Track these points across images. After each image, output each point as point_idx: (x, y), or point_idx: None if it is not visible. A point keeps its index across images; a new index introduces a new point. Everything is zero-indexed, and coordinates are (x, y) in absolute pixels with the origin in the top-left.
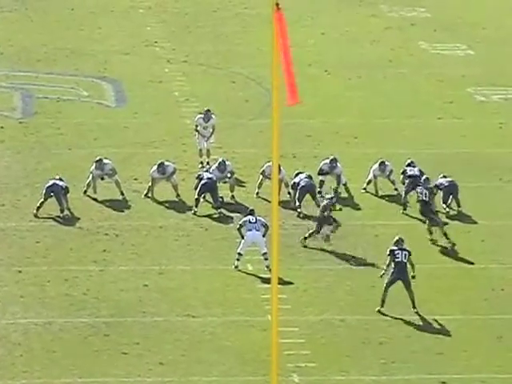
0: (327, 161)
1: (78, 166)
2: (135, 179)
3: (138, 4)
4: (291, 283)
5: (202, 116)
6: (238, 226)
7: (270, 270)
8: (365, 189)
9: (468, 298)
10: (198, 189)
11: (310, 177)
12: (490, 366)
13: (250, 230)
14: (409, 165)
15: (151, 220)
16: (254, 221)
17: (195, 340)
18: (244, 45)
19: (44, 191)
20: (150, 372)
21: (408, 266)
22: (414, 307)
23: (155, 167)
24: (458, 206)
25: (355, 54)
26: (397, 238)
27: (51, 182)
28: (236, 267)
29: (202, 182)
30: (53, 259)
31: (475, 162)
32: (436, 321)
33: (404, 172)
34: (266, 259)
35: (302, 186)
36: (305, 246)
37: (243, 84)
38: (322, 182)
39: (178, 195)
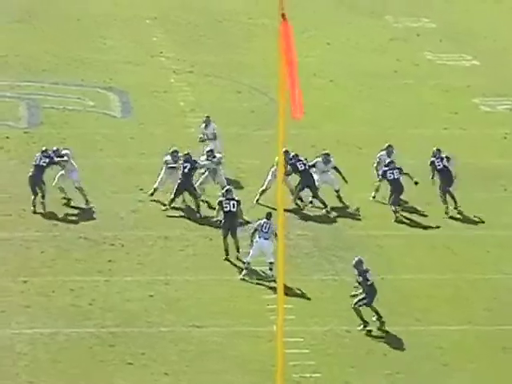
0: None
1: (83, 176)
2: (140, 189)
3: (144, 14)
4: (296, 294)
5: (204, 124)
6: (253, 231)
7: (273, 281)
8: (374, 197)
9: (472, 309)
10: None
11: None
12: (495, 376)
13: (260, 237)
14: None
15: (156, 230)
16: (267, 230)
17: (200, 350)
18: (249, 55)
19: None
20: (156, 382)
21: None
22: (380, 317)
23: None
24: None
25: (360, 65)
26: (357, 258)
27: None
28: (244, 276)
29: (178, 181)
30: (58, 269)
31: (480, 172)
32: (440, 331)
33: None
34: (271, 269)
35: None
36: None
37: (248, 94)
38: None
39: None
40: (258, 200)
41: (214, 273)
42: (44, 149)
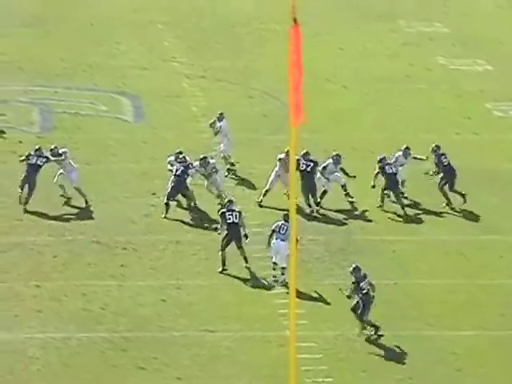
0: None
1: (96, 180)
2: (153, 194)
3: (157, 19)
4: (308, 298)
5: (217, 120)
6: (271, 232)
7: (285, 286)
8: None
9: (485, 314)
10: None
11: None
12: (508, 381)
13: (277, 238)
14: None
15: (168, 235)
16: (284, 231)
17: (213, 355)
18: (261, 60)
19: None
20: None
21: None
22: (364, 328)
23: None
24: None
25: (373, 69)
26: (354, 265)
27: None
28: (274, 277)
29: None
30: (70, 274)
31: (493, 177)
32: (453, 336)
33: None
34: (283, 274)
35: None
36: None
37: (260, 99)
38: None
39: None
40: (261, 201)
41: (226, 277)
42: (37, 147)
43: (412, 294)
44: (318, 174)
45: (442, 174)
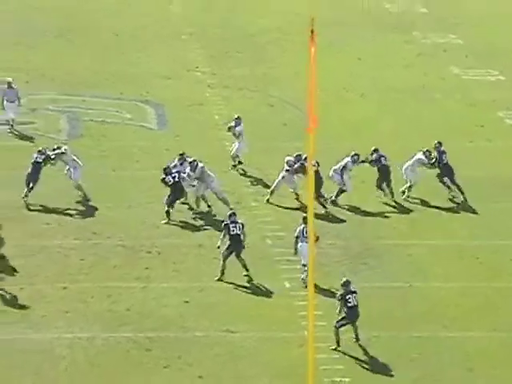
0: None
1: (121, 186)
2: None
3: (180, 30)
4: (327, 300)
5: (234, 123)
6: (295, 239)
7: (305, 286)
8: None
9: (498, 316)
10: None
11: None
12: None
13: (302, 241)
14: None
15: (191, 238)
16: (307, 234)
17: (234, 355)
18: (281, 69)
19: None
20: None
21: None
22: (358, 339)
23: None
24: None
25: (389, 79)
26: (344, 280)
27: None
28: (303, 279)
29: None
30: (96, 276)
31: (505, 183)
32: (466, 338)
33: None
34: (305, 271)
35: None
36: None
37: (281, 107)
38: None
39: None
40: (268, 199)
41: (247, 280)
42: (40, 149)
43: (427, 296)
44: (332, 172)
45: (439, 171)
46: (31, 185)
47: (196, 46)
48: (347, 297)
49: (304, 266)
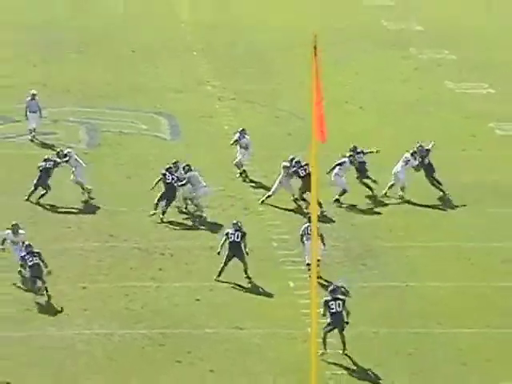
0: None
1: (136, 192)
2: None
3: (192, 46)
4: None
5: (239, 134)
6: (300, 236)
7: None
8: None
9: (490, 314)
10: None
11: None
12: (510, 375)
13: (308, 239)
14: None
15: (202, 241)
16: (311, 231)
17: (242, 350)
18: (287, 83)
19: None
20: (201, 379)
21: (344, 312)
22: (345, 349)
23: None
24: None
25: (388, 92)
26: (332, 286)
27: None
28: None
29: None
30: (114, 276)
31: (495, 189)
32: (460, 334)
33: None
34: (309, 270)
35: None
36: None
37: (286, 119)
38: None
39: None
40: (263, 201)
41: (255, 280)
42: (46, 157)
43: (422, 295)
44: (333, 178)
45: (423, 171)
46: (43, 191)
47: (206, 62)
48: (330, 303)
49: (308, 265)
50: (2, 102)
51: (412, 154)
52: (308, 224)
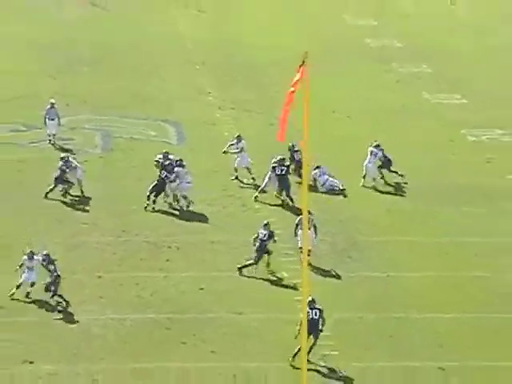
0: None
1: (145, 193)
2: (192, 202)
3: (195, 60)
4: (318, 287)
5: (236, 140)
6: (295, 226)
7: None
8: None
9: (465, 300)
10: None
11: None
12: (484, 355)
13: (302, 229)
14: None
15: (205, 235)
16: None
17: (242, 333)
18: (280, 93)
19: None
20: (205, 359)
21: (320, 321)
22: (309, 352)
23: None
24: None
25: (372, 103)
26: (310, 298)
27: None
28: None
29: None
30: (126, 267)
31: (468, 189)
32: (437, 319)
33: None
34: (301, 252)
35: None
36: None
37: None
38: None
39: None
40: (256, 196)
41: (253, 271)
42: (63, 156)
43: (402, 284)
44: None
45: (381, 164)
46: (65, 187)
47: (207, 74)
48: (308, 311)
49: (300, 248)
50: (26, 110)
51: (375, 147)
52: (300, 217)
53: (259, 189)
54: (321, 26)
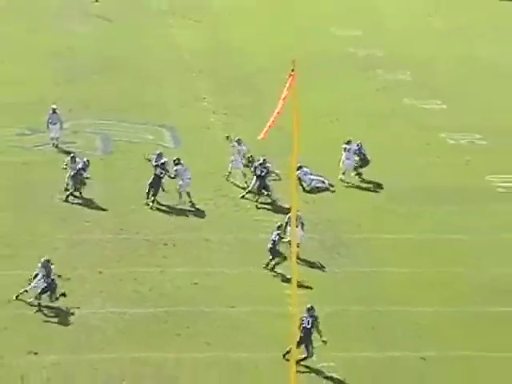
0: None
1: (143, 193)
2: (190, 202)
3: (191, 67)
4: (306, 282)
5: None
6: (285, 224)
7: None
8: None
9: (445, 295)
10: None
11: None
12: (462, 346)
13: (290, 226)
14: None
15: (200, 233)
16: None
17: (234, 325)
18: (270, 99)
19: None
20: (199, 349)
21: (313, 329)
22: (286, 354)
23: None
24: None
25: (358, 108)
26: (309, 306)
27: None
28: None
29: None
30: (125, 263)
31: (449, 189)
32: (418, 312)
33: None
34: (290, 245)
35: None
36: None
37: (270, 130)
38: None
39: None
40: (243, 195)
41: (245, 267)
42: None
43: (386, 279)
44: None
45: (360, 162)
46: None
47: (203, 81)
48: (303, 319)
49: (289, 241)
50: (31, 115)
51: (347, 143)
52: (290, 215)
53: (247, 190)
54: (307, 36)
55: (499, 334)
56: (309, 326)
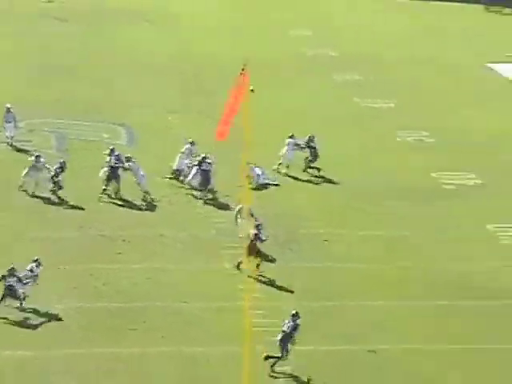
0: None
1: (98, 190)
2: (144, 200)
3: (153, 68)
4: (259, 277)
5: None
6: (235, 214)
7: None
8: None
9: (404, 289)
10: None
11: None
12: (413, 339)
13: (241, 218)
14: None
15: (155, 229)
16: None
17: (187, 320)
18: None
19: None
20: (154, 343)
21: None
22: (267, 358)
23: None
24: None
25: (312, 108)
26: (294, 311)
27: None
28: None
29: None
30: (83, 259)
31: (397, 186)
32: (370, 305)
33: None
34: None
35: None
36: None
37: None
38: None
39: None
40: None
41: (199, 264)
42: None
43: (341, 274)
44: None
45: (310, 156)
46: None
47: (166, 80)
48: (283, 323)
49: (240, 237)
50: None
51: (290, 138)
52: (240, 206)
53: (185, 181)
54: (264, 38)
55: (449, 326)
56: (288, 331)
